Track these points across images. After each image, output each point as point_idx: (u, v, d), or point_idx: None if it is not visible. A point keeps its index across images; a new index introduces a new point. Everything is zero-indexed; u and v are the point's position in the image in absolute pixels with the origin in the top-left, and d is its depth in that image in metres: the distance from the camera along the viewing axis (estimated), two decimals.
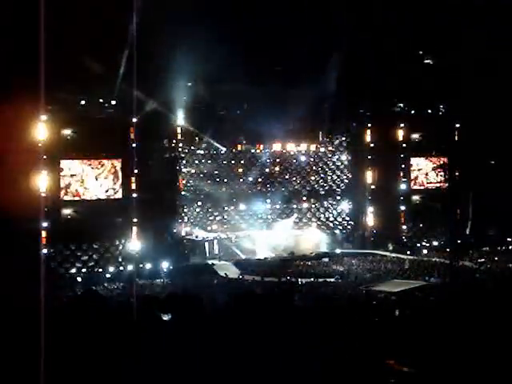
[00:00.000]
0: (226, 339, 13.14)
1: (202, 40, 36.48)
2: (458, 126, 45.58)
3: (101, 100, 38.18)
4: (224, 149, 45.81)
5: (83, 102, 37.81)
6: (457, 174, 45.23)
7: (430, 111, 45.14)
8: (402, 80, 40.71)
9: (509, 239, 43.30)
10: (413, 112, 45.06)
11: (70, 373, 10.94)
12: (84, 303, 17.60)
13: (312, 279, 35.25)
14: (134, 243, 38.08)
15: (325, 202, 47.72)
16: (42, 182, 35.25)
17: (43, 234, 35.45)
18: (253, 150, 46.70)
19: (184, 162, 44.25)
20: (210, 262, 41.06)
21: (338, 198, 47.72)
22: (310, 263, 40.70)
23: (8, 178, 32.91)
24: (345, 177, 47.74)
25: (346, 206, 47.61)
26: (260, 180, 46.78)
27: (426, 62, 40.88)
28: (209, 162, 45.67)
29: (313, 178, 47.68)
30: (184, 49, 37.91)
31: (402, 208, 45.40)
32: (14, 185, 33.12)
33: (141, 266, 37.62)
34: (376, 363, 17.65)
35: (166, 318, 21.02)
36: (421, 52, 40.47)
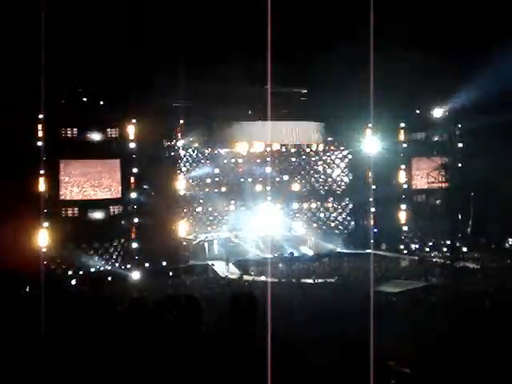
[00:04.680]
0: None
1: (203, 39, 36.42)
2: (459, 126, 45.43)
3: (101, 100, 38.04)
4: (224, 149, 45.74)
5: (83, 101, 37.67)
6: (458, 173, 45.04)
7: (430, 111, 44.98)
8: (402, 79, 40.54)
9: (510, 239, 43.17)
10: (413, 112, 44.90)
11: None
12: None
13: (312, 279, 35.22)
14: (134, 243, 38.05)
15: (325, 202, 47.63)
16: (41, 182, 35.22)
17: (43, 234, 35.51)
18: (252, 150, 46.57)
19: (184, 161, 44.16)
20: (209, 262, 40.98)
21: (339, 197, 47.61)
22: (309, 263, 40.68)
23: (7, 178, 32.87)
24: (345, 177, 47.62)
25: (346, 205, 47.52)
26: (260, 180, 46.66)
27: (425, 61, 40.64)
28: (208, 161, 45.58)
29: (313, 178, 47.58)
30: (186, 48, 37.88)
31: (403, 208, 45.29)
32: (14, 186, 33.07)
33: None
34: (377, 364, 17.54)
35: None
36: (420, 51, 40.23)
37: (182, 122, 43.09)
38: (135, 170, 38.59)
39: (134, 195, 38.54)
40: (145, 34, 36.27)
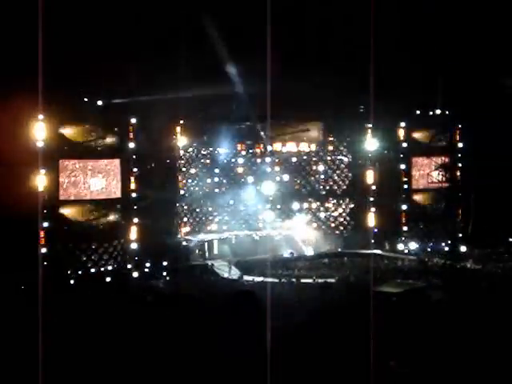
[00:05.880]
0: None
1: (202, 39, 36.38)
2: (459, 126, 45.37)
3: (100, 100, 37.92)
4: (224, 149, 45.67)
5: (83, 102, 37.57)
6: (458, 173, 45.00)
7: (431, 111, 44.94)
8: (403, 79, 40.54)
9: (511, 239, 43.12)
10: (413, 112, 44.87)
11: None
12: None
13: (312, 279, 35.23)
14: (134, 243, 38.03)
15: (325, 203, 47.54)
16: (40, 181, 35.16)
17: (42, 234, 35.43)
18: (252, 150, 46.48)
19: (184, 161, 44.13)
20: (209, 262, 40.95)
21: (339, 197, 47.50)
22: (310, 263, 40.68)
23: (7, 178, 32.83)
24: (345, 177, 47.54)
25: (346, 205, 47.45)
26: (260, 180, 46.55)
27: (427, 61, 40.61)
28: (208, 161, 45.50)
29: (313, 178, 47.47)
30: (185, 49, 37.88)
31: (403, 208, 45.22)
32: (14, 185, 33.03)
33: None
34: (378, 364, 17.56)
35: None
36: (422, 51, 40.22)
37: (182, 121, 43.09)
38: (135, 170, 38.54)
39: (133, 195, 38.47)
40: (144, 33, 36.21)
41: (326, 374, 17.61)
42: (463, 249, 42.53)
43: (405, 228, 45.25)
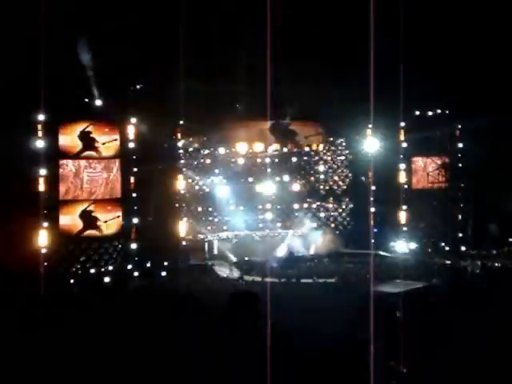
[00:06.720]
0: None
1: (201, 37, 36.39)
2: (459, 126, 45.36)
3: (101, 99, 37.93)
4: (223, 148, 45.66)
5: (83, 101, 37.59)
6: (458, 173, 45.00)
7: (431, 111, 44.94)
8: (401, 79, 40.51)
9: (511, 239, 43.14)
10: (413, 112, 44.85)
11: None
12: None
13: (312, 280, 35.28)
14: (133, 243, 38.06)
15: (325, 203, 47.56)
16: (40, 181, 35.20)
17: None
18: (251, 150, 46.48)
19: (184, 161, 44.13)
20: (209, 262, 40.99)
21: (339, 197, 47.53)
22: (310, 263, 40.72)
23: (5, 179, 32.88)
24: (345, 177, 47.56)
25: (346, 205, 47.46)
26: (260, 180, 46.55)
27: (426, 60, 40.58)
28: (208, 161, 45.49)
29: (313, 178, 47.48)
30: (183, 45, 37.80)
31: (403, 207, 45.22)
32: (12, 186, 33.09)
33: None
34: (377, 364, 17.55)
35: None
36: (420, 50, 40.17)
37: (181, 122, 43.06)
38: (135, 170, 38.58)
39: (133, 195, 38.52)
40: (143, 32, 36.17)
41: (326, 374, 17.60)
42: (463, 249, 42.54)
43: (405, 228, 45.27)
